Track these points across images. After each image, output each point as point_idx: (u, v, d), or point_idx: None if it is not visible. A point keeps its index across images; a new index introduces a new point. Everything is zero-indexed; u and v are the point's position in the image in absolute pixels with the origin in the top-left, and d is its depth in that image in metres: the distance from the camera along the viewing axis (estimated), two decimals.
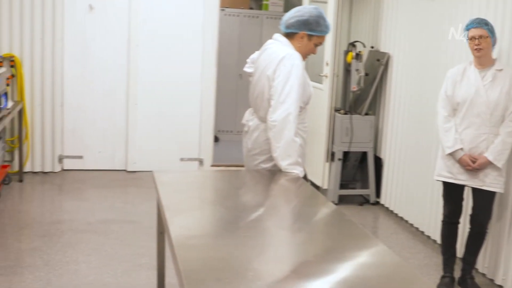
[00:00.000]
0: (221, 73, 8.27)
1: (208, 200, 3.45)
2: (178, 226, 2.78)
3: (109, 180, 7.41)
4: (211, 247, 2.61)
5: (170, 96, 7.72)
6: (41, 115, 7.39)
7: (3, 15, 7.15)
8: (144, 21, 7.56)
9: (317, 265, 2.50)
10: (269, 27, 9.61)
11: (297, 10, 4.04)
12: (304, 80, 3.92)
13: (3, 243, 5.29)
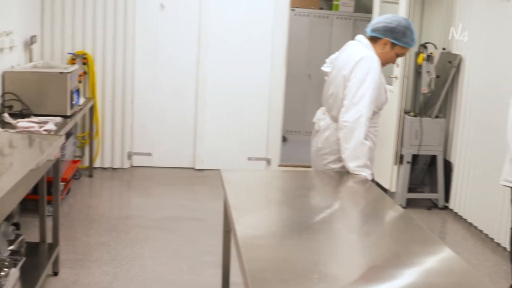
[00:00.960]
0: (290, 73, 8.25)
1: (275, 200, 3.43)
2: (244, 225, 2.78)
3: (177, 177, 7.47)
4: (277, 247, 2.60)
5: (239, 95, 7.74)
6: (112, 112, 7.50)
7: (76, 14, 7.29)
8: (215, 20, 7.59)
9: (384, 270, 2.46)
10: (339, 27, 9.55)
11: (387, 16, 3.99)
12: (380, 84, 3.87)
13: (72, 236, 5.39)
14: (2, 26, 5.67)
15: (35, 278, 3.99)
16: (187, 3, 7.55)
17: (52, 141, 4.08)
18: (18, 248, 4.17)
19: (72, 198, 6.41)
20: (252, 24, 7.65)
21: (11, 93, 5.70)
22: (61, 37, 7.33)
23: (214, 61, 7.65)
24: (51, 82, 5.79)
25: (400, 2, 6.63)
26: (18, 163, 3.57)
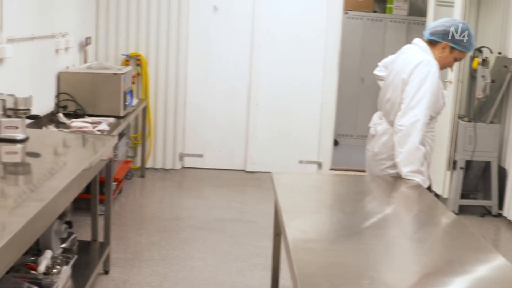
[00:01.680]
0: (343, 76, 8.20)
1: (326, 204, 3.41)
2: (295, 228, 2.76)
3: (228, 179, 7.49)
4: (328, 251, 2.58)
5: (291, 97, 7.72)
6: (164, 113, 7.56)
7: (131, 16, 7.37)
8: (268, 23, 7.59)
9: (436, 277, 2.42)
10: (392, 31, 9.46)
11: (446, 20, 3.93)
12: (438, 89, 3.82)
13: (124, 236, 5.44)
14: (58, 27, 5.76)
15: (86, 276, 4.03)
16: (240, 5, 7.56)
17: (105, 141, 4.12)
18: (70, 246, 4.22)
19: (124, 198, 6.48)
20: (305, 27, 7.63)
21: (66, 94, 5.79)
22: (115, 38, 7.42)
23: (267, 63, 7.64)
24: (105, 83, 5.86)
25: (455, 5, 6.54)
26: (72, 163, 3.61)
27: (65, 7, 6.00)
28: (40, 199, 2.69)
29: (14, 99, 3.94)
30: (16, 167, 3.57)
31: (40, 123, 4.96)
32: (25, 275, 3.58)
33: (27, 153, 3.80)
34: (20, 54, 4.75)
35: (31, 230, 2.47)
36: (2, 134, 3.86)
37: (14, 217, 2.48)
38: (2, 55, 4.33)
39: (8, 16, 4.45)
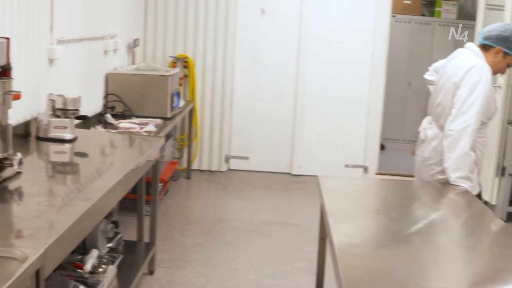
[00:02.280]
0: (390, 80, 8.13)
1: (373, 209, 3.38)
2: (341, 233, 2.74)
3: (273, 182, 7.48)
4: (374, 257, 2.55)
5: (338, 101, 7.67)
6: (211, 115, 7.58)
7: (178, 18, 7.41)
8: (315, 26, 7.55)
9: (484, 286, 2.37)
10: (441, 34, 9.34)
11: (500, 25, 3.87)
12: (490, 94, 3.75)
13: (169, 237, 5.46)
14: (107, 29, 5.82)
15: (132, 276, 4.06)
16: (287, 8, 7.55)
17: (152, 142, 4.15)
18: (116, 246, 4.26)
19: (169, 199, 6.51)
20: (353, 30, 7.58)
21: (113, 94, 5.84)
22: (163, 40, 7.47)
23: (314, 67, 7.61)
24: (153, 84, 5.90)
25: (506, 9, 6.43)
26: (119, 163, 3.64)
27: (114, 9, 6.06)
28: (88, 199, 2.72)
29: (63, 100, 4.00)
30: (64, 166, 3.61)
31: (88, 124, 5.01)
32: (71, 274, 3.62)
33: (75, 153, 3.84)
34: (69, 55, 4.81)
35: (78, 229, 2.49)
36: (51, 134, 3.91)
37: (62, 216, 2.50)
38: (52, 56, 4.39)
39: (59, 18, 4.50)
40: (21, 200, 2.80)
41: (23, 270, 1.97)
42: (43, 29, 4.24)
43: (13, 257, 2.06)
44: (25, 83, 3.86)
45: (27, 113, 4.00)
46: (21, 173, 3.07)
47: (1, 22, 3.32)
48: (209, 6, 7.37)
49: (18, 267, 1.98)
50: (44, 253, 2.11)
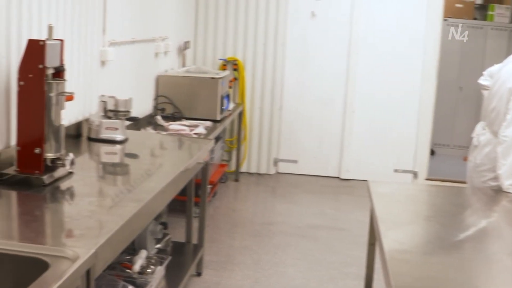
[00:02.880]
0: (440, 84, 8.02)
1: (423, 215, 3.33)
2: (392, 239, 2.70)
3: (322, 186, 7.45)
4: (425, 264, 2.51)
5: (387, 105, 7.61)
6: (260, 118, 7.59)
7: (228, 21, 7.44)
8: (365, 30, 7.50)
9: None
10: (493, 39, 9.19)
11: None
12: None
13: (217, 239, 5.48)
14: (158, 32, 5.86)
15: (180, 277, 4.08)
16: (338, 11, 7.51)
17: (202, 145, 4.16)
18: (164, 247, 4.28)
19: (218, 201, 6.53)
20: (403, 34, 7.50)
21: (164, 96, 5.88)
22: (213, 43, 7.51)
23: (364, 70, 7.56)
24: (203, 87, 5.93)
25: None
26: (169, 165, 3.66)
27: (166, 12, 6.10)
28: (138, 200, 2.74)
29: (115, 101, 4.04)
30: (114, 167, 3.64)
31: (138, 125, 5.05)
32: (120, 274, 3.65)
33: (125, 154, 3.88)
34: (121, 57, 4.86)
35: (129, 230, 2.51)
36: (102, 134, 3.96)
37: (113, 216, 2.52)
38: (104, 58, 4.44)
39: (111, 20, 4.55)
40: (73, 200, 2.83)
41: (75, 269, 1.99)
42: (95, 31, 4.29)
43: (64, 256, 2.08)
44: (77, 84, 3.91)
45: (79, 114, 4.05)
46: (73, 173, 3.11)
47: (55, 24, 3.37)
48: (259, 9, 7.38)
49: (69, 267, 2.00)
50: (95, 253, 2.13)
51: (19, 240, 2.24)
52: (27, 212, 2.63)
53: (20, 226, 2.46)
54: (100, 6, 4.34)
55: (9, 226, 2.46)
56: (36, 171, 2.93)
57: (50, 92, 2.94)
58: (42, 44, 2.85)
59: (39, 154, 2.93)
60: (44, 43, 2.86)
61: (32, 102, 2.90)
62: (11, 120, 3.19)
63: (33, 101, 2.90)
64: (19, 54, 3.17)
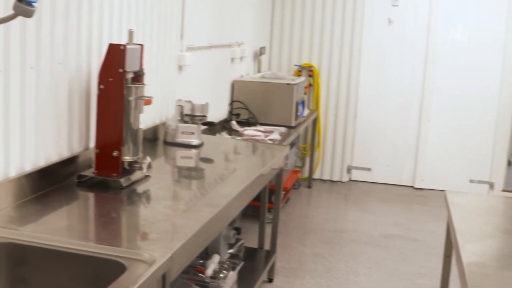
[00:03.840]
0: None
1: (503, 228, 3.24)
2: (471, 252, 2.64)
3: (395, 194, 7.35)
4: (505, 279, 2.44)
5: (464, 114, 7.45)
6: (334, 124, 7.55)
7: (304, 27, 7.45)
8: (443, 37, 7.37)
9: None
10: None
11: None
12: None
13: (288, 245, 5.46)
14: (235, 37, 5.89)
15: (251, 283, 4.08)
16: (415, 17, 7.41)
17: (277, 151, 4.15)
18: (237, 252, 4.29)
19: (290, 207, 6.52)
20: (482, 41, 7.33)
21: (239, 102, 5.90)
22: (289, 49, 7.52)
23: (440, 78, 7.43)
24: (278, 92, 5.92)
25: None
26: (244, 170, 3.66)
27: (242, 17, 6.13)
28: (214, 205, 2.75)
29: (192, 106, 4.07)
30: (190, 171, 3.67)
31: (213, 130, 5.09)
32: (193, 277, 3.67)
33: (201, 158, 3.90)
34: (198, 62, 4.89)
35: (204, 235, 2.52)
36: (178, 139, 3.99)
37: (189, 220, 2.53)
38: (182, 62, 4.48)
39: (189, 25, 4.59)
40: (149, 203, 2.86)
41: (151, 273, 2.00)
42: (174, 36, 4.34)
43: (141, 259, 2.10)
44: (155, 88, 3.96)
45: (156, 118, 4.10)
46: (149, 177, 3.14)
47: (135, 28, 3.42)
48: (335, 15, 7.35)
49: (146, 270, 2.02)
50: (171, 257, 2.14)
51: (96, 241, 2.27)
52: (104, 214, 2.67)
53: (97, 227, 2.50)
54: (178, 12, 4.39)
55: (86, 227, 2.50)
56: (114, 173, 2.98)
57: (129, 96, 2.98)
58: (123, 49, 2.90)
59: (117, 157, 2.97)
60: (125, 48, 2.90)
61: (111, 106, 2.95)
62: (91, 123, 3.24)
63: (112, 104, 2.95)
64: (100, 58, 3.23)
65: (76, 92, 3.07)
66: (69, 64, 2.99)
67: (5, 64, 2.51)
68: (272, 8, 7.50)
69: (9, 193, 2.57)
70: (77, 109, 3.10)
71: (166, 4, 4.14)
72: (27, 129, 2.70)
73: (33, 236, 2.27)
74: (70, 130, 3.06)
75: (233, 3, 5.76)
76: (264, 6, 7.16)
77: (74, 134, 3.10)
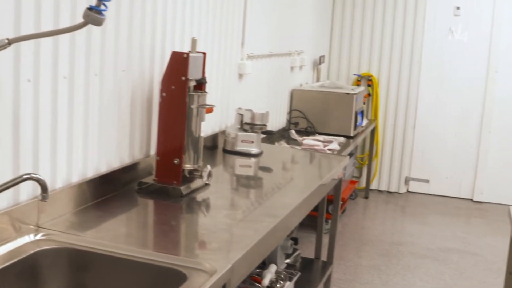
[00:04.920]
0: None
1: None
2: None
3: (453, 207, 7.23)
4: None
5: None
6: (392, 135, 7.47)
7: (364, 37, 7.42)
8: (506, 49, 7.23)
9: None
10: None
11: None
12: None
13: (345, 256, 5.41)
14: (294, 46, 5.88)
15: None
16: (477, 28, 7.29)
17: (336, 161, 4.12)
18: (293, 263, 4.26)
19: (346, 218, 6.46)
20: None
21: (297, 111, 5.88)
22: (348, 58, 7.49)
23: (503, 89, 7.29)
24: (337, 102, 5.88)
25: None
26: (303, 180, 3.63)
27: (302, 26, 6.12)
28: (274, 215, 2.73)
29: (252, 114, 4.06)
30: (249, 180, 3.66)
31: (272, 139, 5.07)
32: (249, 287, 3.65)
33: (260, 167, 3.89)
34: (258, 70, 4.89)
35: (264, 245, 2.50)
36: (238, 147, 3.99)
37: (249, 231, 2.52)
38: (242, 71, 4.48)
39: (249, 34, 4.59)
40: (208, 212, 2.85)
41: (212, 283, 1.99)
42: (234, 44, 4.34)
43: (202, 269, 2.09)
44: (215, 96, 3.97)
45: (216, 126, 4.11)
46: (209, 185, 3.14)
47: (198, 36, 3.43)
48: (395, 24, 7.29)
49: (207, 280, 2.01)
50: (232, 268, 2.13)
51: (156, 249, 2.27)
52: (164, 222, 2.67)
53: (157, 235, 2.50)
54: (240, 20, 4.39)
55: (145, 234, 2.50)
56: (174, 181, 2.98)
57: (191, 104, 2.98)
58: (186, 57, 2.90)
59: (178, 165, 2.97)
60: (188, 56, 2.90)
61: (173, 113, 2.96)
62: (152, 130, 3.26)
63: (174, 112, 2.95)
64: (162, 66, 3.25)
65: (138, 99, 3.09)
66: (132, 71, 3.01)
67: (71, 71, 2.54)
68: (332, 17, 7.47)
69: (70, 199, 2.60)
70: (139, 116, 3.12)
71: (228, 12, 4.14)
72: (90, 135, 2.73)
73: (94, 242, 2.29)
74: (131, 136, 3.08)
75: (293, 12, 5.75)
76: (324, 15, 7.13)
77: (135, 140, 3.12)
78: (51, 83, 2.43)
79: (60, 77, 2.48)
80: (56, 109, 2.48)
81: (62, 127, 2.53)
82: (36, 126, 2.38)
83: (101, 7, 1.90)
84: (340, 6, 7.49)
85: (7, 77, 2.20)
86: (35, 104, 2.36)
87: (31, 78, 2.31)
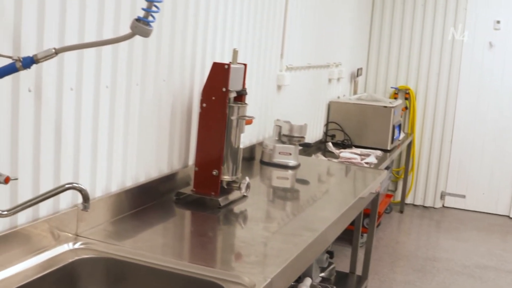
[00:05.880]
0: None
1: None
2: None
3: (490, 224, 7.14)
4: None
5: None
6: (429, 149, 7.41)
7: (402, 49, 7.38)
8: None
9: None
10: None
11: None
12: None
13: (379, 271, 5.36)
14: (333, 58, 5.86)
15: None
16: None
17: (374, 175, 4.08)
18: (328, 276, 4.22)
19: (381, 232, 6.41)
20: None
21: (334, 123, 5.85)
22: (386, 71, 7.45)
23: None
24: (375, 115, 5.84)
25: None
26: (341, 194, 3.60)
27: (340, 39, 6.10)
28: (313, 229, 2.70)
29: (290, 126, 4.05)
30: (285, 192, 3.64)
31: (308, 151, 5.05)
32: None
33: (297, 179, 3.86)
34: (296, 82, 4.88)
35: (302, 259, 2.48)
36: (275, 159, 3.98)
37: (288, 244, 2.50)
38: (281, 82, 4.47)
39: (288, 45, 4.59)
40: (246, 224, 2.84)
41: None
42: (274, 56, 4.33)
43: (240, 282, 2.08)
44: (254, 107, 3.96)
45: (254, 137, 4.10)
46: (247, 197, 3.13)
47: (238, 47, 3.42)
48: (434, 39, 7.25)
49: None
50: (270, 282, 2.11)
51: (193, 260, 2.26)
52: (201, 233, 2.66)
53: (194, 246, 2.49)
54: (279, 31, 4.39)
55: (183, 245, 2.49)
56: (212, 192, 2.97)
57: (231, 115, 2.98)
58: (227, 68, 2.90)
59: (216, 176, 2.97)
60: (229, 67, 2.90)
61: (213, 124, 2.95)
62: (191, 140, 3.26)
63: (214, 123, 2.95)
64: (202, 76, 3.25)
65: (178, 109, 3.09)
66: (173, 82, 3.01)
67: (113, 80, 2.55)
68: (370, 30, 7.44)
69: (109, 208, 2.60)
70: (178, 126, 3.12)
71: (268, 23, 4.14)
72: (130, 144, 2.73)
73: (132, 252, 2.28)
74: (170, 146, 3.08)
75: (332, 24, 5.73)
76: (362, 28, 7.10)
77: (174, 151, 3.12)
78: (93, 92, 2.44)
79: (102, 86, 2.49)
80: (97, 118, 2.49)
81: (102, 136, 2.54)
82: (78, 134, 2.39)
83: (149, 18, 1.90)
84: (379, 19, 7.46)
85: (51, 84, 2.21)
86: (77, 112, 2.37)
87: (73, 87, 2.32)
